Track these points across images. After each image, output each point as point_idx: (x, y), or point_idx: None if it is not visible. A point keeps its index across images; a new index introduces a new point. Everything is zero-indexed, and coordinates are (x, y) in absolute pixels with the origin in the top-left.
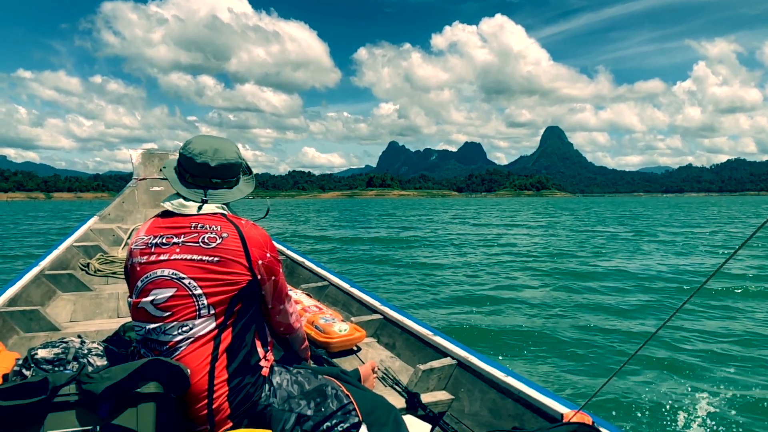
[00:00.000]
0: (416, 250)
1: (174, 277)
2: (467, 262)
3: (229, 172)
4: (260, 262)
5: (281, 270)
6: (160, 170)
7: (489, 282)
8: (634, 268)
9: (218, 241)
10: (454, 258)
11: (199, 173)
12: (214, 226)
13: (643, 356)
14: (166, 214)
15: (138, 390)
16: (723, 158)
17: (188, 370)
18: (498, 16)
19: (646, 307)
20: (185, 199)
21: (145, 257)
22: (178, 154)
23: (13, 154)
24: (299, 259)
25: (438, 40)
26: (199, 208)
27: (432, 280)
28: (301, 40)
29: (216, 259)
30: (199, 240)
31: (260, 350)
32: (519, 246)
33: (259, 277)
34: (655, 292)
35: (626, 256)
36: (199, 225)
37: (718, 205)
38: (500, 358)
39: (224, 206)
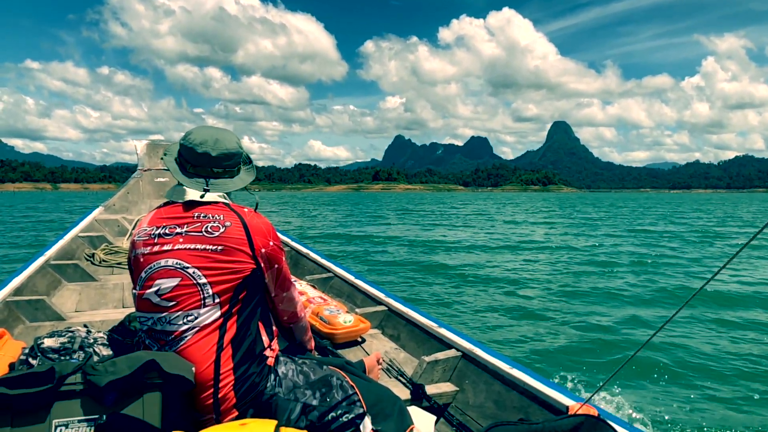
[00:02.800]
0: (465, 255)
1: (178, 266)
2: (546, 276)
3: (230, 162)
4: (263, 250)
5: (284, 258)
6: (160, 160)
7: (612, 313)
8: None
9: (221, 230)
10: (521, 266)
11: (201, 163)
12: (216, 215)
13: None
14: (168, 204)
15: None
16: (731, 155)
17: (193, 369)
18: (505, 9)
19: None
20: (187, 189)
21: (149, 248)
22: (178, 144)
23: (21, 145)
24: (304, 250)
25: (445, 34)
26: (201, 197)
27: (520, 303)
28: (308, 33)
29: (219, 247)
30: (203, 229)
31: (265, 339)
32: (588, 252)
33: (262, 264)
34: None
35: (741, 267)
36: (202, 215)
37: (743, 201)
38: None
39: (226, 195)
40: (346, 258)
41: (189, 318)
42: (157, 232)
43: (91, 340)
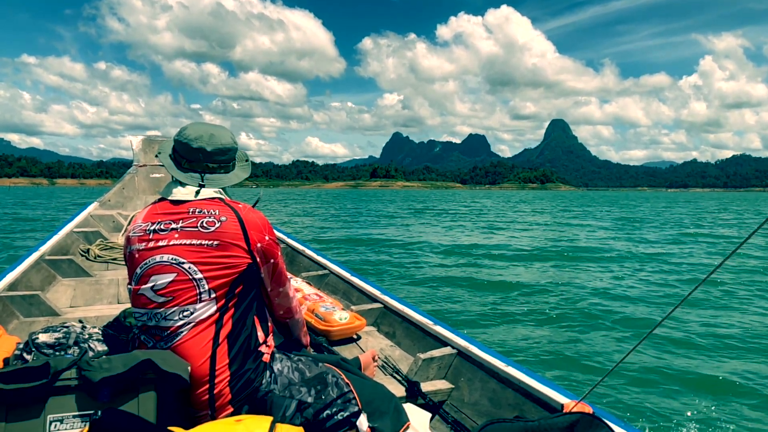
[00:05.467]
0: (526, 268)
1: (174, 262)
2: (672, 308)
3: (225, 157)
4: (259, 245)
5: (280, 253)
6: (155, 156)
7: None
8: None
9: (217, 225)
10: (612, 286)
11: (196, 158)
12: (212, 211)
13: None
14: (163, 200)
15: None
16: (728, 154)
17: (189, 367)
18: (504, 7)
19: None
20: (182, 184)
21: (144, 244)
22: (173, 140)
23: (17, 140)
24: (299, 247)
25: (443, 31)
26: (197, 192)
27: (684, 366)
28: (305, 29)
29: (215, 243)
30: (198, 224)
31: (260, 334)
32: (665, 262)
33: (258, 259)
34: None
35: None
36: (197, 210)
37: (755, 200)
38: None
39: (222, 191)
40: (385, 277)
41: (185, 313)
42: (152, 227)
43: (86, 336)
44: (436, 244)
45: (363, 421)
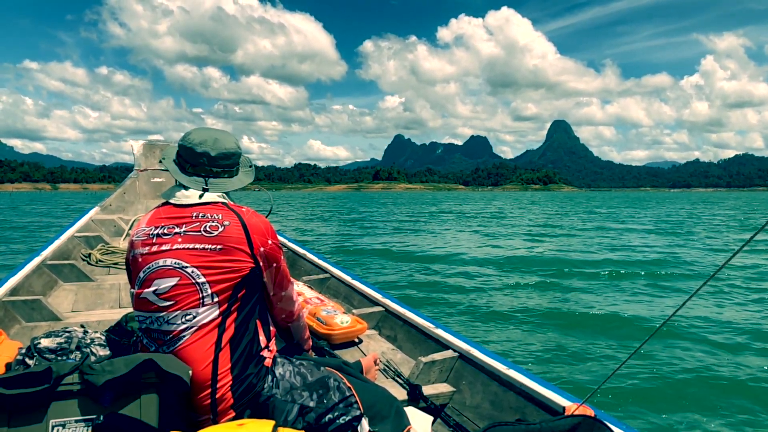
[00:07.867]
0: (625, 297)
1: (177, 266)
2: None
3: (229, 161)
4: (262, 249)
5: (283, 257)
6: (160, 161)
7: None
8: None
9: (220, 229)
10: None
11: (200, 163)
12: (215, 215)
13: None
14: (167, 204)
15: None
16: (730, 153)
17: (190, 371)
18: (504, 8)
19: None
20: (185, 188)
21: (147, 248)
22: (177, 145)
23: (20, 145)
24: (300, 251)
25: (444, 33)
26: (200, 197)
27: None
28: (306, 32)
29: (218, 247)
30: (201, 229)
31: (263, 339)
32: None
33: (261, 263)
34: None
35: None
36: (201, 214)
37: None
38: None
39: (225, 195)
40: (455, 316)
41: (187, 317)
42: (155, 232)
43: (88, 341)
44: (483, 257)
45: (365, 425)
